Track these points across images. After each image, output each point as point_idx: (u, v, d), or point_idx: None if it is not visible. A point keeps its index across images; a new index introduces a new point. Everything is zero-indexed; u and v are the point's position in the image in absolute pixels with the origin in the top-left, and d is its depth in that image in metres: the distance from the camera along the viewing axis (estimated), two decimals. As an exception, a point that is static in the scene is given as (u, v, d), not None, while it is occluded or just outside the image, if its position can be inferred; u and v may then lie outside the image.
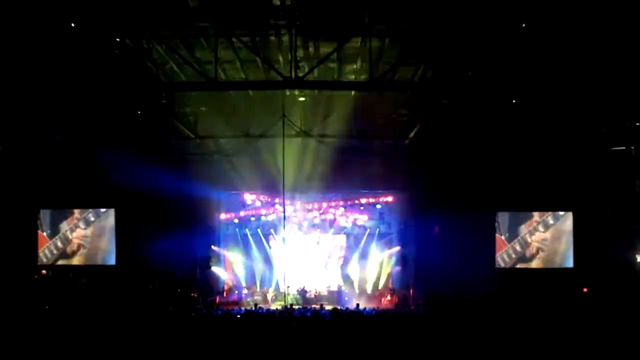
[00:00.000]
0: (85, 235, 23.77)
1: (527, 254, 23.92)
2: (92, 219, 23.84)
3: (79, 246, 23.78)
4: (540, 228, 23.88)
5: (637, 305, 18.23)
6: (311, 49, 17.40)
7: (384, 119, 22.67)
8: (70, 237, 23.82)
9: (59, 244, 23.70)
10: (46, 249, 23.77)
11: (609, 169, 21.96)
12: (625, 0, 12.40)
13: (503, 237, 23.96)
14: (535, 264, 23.82)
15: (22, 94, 16.94)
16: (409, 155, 25.03)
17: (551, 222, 23.90)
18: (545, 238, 23.82)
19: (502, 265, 23.93)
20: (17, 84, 16.08)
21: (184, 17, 15.09)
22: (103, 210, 23.91)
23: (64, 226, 23.85)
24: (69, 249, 23.83)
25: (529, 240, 23.89)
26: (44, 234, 23.75)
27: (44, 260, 23.80)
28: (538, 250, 23.87)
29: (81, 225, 23.84)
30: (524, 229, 23.91)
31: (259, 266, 29.07)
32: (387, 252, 29.38)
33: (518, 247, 23.89)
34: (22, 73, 15.75)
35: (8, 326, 13.01)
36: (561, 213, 23.85)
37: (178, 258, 25.76)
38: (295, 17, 14.62)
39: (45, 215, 23.82)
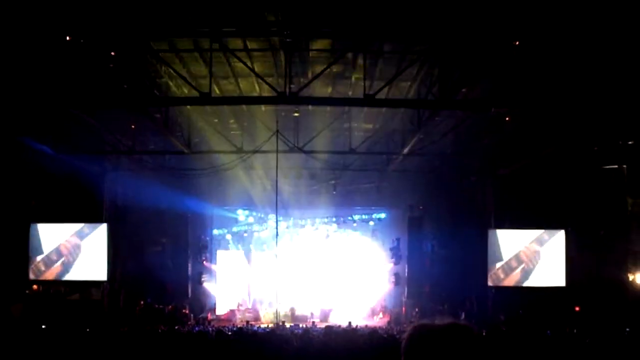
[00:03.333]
0: (78, 251, 23.55)
1: (520, 271, 23.83)
2: (84, 234, 23.64)
3: (70, 260, 23.54)
4: (533, 247, 23.83)
5: (628, 323, 18.27)
6: (306, 64, 17.42)
7: (376, 134, 22.71)
8: (62, 251, 23.59)
9: (53, 257, 23.46)
10: (34, 266, 23.53)
11: (601, 187, 22.02)
12: (618, 20, 12.45)
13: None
14: (527, 282, 23.76)
15: (15, 105, 16.87)
16: (403, 172, 25.06)
17: (543, 240, 23.86)
18: (538, 257, 23.77)
19: (495, 283, 23.83)
20: (11, 96, 16.02)
21: (179, 30, 15.10)
22: (95, 225, 23.71)
23: (57, 240, 23.63)
24: (60, 262, 23.59)
25: (522, 258, 23.81)
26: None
27: (33, 276, 23.55)
28: (530, 268, 23.80)
29: (73, 240, 23.63)
30: (516, 248, 23.84)
31: (251, 283, 28.97)
32: (380, 269, 29.32)
33: (512, 264, 23.81)
34: (17, 85, 15.69)
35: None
36: (553, 231, 23.82)
37: (170, 274, 25.66)
38: (290, 33, 14.62)
39: (36, 230, 23.58)
